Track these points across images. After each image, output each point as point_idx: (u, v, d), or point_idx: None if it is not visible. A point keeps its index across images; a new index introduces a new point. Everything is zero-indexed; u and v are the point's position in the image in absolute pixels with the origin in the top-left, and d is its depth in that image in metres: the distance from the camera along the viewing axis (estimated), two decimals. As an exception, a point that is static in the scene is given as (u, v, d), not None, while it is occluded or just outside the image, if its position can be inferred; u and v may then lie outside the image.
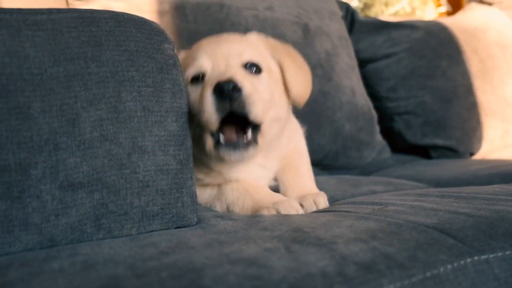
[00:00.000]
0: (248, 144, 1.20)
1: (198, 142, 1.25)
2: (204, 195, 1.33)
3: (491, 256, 0.87)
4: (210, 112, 1.15)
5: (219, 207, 1.30)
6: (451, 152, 2.52)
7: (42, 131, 0.90)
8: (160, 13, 2.11)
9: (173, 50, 1.05)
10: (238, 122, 1.19)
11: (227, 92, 1.12)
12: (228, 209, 1.27)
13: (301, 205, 1.21)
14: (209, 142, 1.21)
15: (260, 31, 1.54)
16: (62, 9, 0.97)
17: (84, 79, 0.94)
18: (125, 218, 0.97)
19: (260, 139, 1.22)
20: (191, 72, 1.27)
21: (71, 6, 2.08)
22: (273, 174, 1.42)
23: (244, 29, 2.06)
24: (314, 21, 2.33)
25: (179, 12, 2.10)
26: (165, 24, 2.07)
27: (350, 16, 2.67)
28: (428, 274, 0.80)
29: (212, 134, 1.20)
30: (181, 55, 1.39)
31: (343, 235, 0.88)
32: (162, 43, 1.03)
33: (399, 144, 2.57)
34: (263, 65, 1.31)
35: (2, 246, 0.87)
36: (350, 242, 0.84)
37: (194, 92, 1.24)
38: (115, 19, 1.00)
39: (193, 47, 1.38)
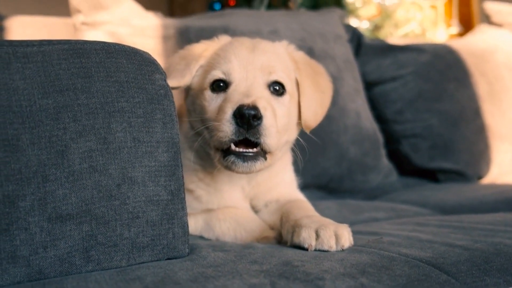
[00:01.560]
0: (257, 157, 1.18)
1: (203, 144, 1.26)
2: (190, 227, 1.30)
3: (484, 293, 0.85)
4: (226, 133, 1.15)
5: (209, 237, 1.27)
6: (459, 176, 2.48)
7: (31, 163, 0.90)
8: (165, 38, 2.12)
9: (165, 80, 1.04)
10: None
11: (247, 118, 1.12)
12: (218, 240, 1.24)
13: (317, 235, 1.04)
14: (218, 152, 1.21)
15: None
16: (52, 41, 0.97)
17: (74, 110, 0.94)
18: (114, 250, 0.96)
19: (269, 157, 1.21)
20: (216, 74, 1.25)
21: (78, 31, 2.09)
22: (248, 200, 1.39)
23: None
24: (318, 45, 2.33)
25: (183, 36, 2.11)
26: (170, 49, 2.08)
27: (356, 38, 2.66)
28: (416, 312, 0.78)
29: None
30: (201, 46, 1.36)
31: (332, 270, 0.86)
32: (153, 74, 1.03)
33: (406, 167, 2.54)
34: (288, 86, 1.28)
35: (-11, 279, 0.86)
36: (338, 278, 0.82)
37: (213, 100, 1.24)
38: (106, 50, 1.00)
39: (223, 44, 1.34)
